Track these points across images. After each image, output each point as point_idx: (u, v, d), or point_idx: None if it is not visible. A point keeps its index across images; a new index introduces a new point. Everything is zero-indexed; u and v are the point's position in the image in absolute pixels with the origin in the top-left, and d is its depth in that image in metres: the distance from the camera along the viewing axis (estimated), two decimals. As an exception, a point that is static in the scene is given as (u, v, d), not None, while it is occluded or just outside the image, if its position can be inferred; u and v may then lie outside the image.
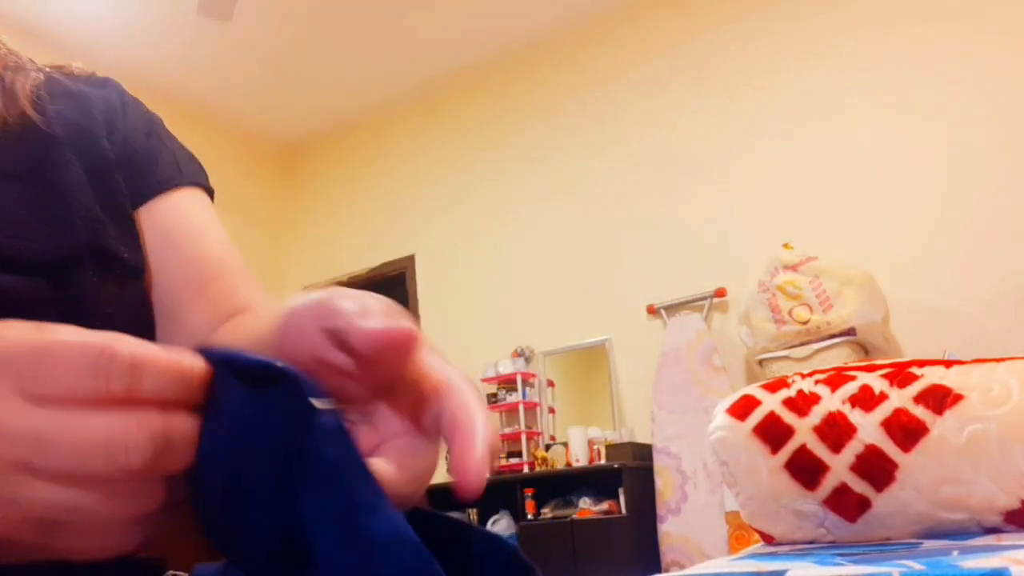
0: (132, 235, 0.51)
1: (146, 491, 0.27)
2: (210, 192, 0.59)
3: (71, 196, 0.48)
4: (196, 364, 0.27)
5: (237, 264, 0.56)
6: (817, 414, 0.90)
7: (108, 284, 0.47)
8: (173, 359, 0.26)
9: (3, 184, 0.46)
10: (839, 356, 2.42)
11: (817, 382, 0.94)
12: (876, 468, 0.84)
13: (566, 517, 2.89)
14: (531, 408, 3.43)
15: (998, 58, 2.73)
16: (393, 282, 3.97)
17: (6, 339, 0.25)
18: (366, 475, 0.27)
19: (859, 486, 0.85)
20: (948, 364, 0.89)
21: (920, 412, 0.84)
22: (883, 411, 0.86)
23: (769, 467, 0.91)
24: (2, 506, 0.25)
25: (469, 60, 3.92)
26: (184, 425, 0.26)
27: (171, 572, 0.50)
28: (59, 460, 0.25)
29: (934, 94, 2.82)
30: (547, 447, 3.32)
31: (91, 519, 0.26)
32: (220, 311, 0.52)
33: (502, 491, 3.06)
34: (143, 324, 0.51)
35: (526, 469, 3.22)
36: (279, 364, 0.27)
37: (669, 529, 2.72)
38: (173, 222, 0.54)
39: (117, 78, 0.60)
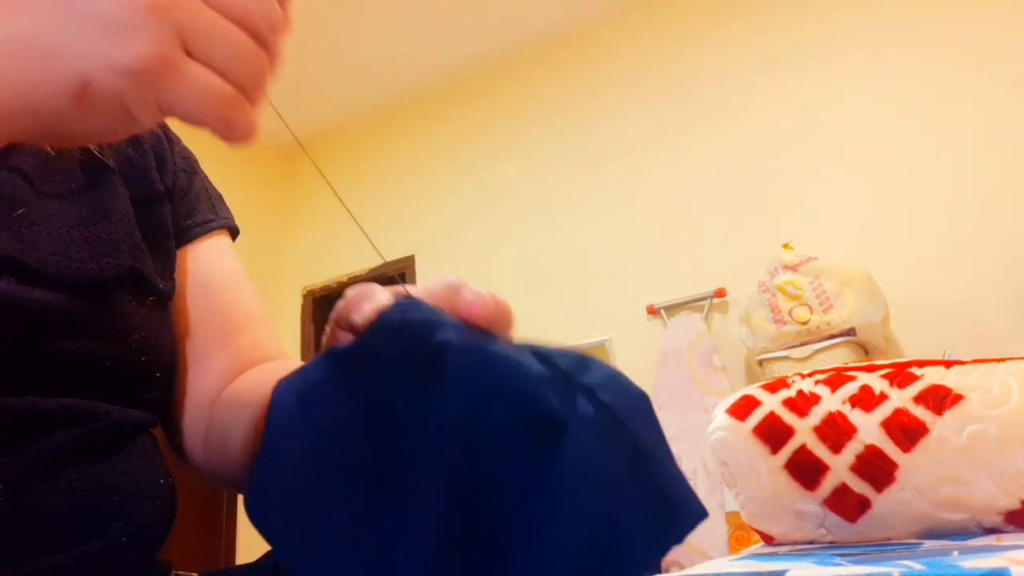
0: (168, 266, 0.54)
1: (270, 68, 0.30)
2: (235, 232, 0.63)
3: (117, 221, 0.50)
4: None
5: (263, 316, 0.60)
6: (817, 414, 0.90)
7: (143, 309, 0.49)
8: None
9: (55, 203, 0.47)
10: (839, 356, 2.42)
11: (817, 382, 0.94)
12: (876, 468, 0.84)
13: (566, 517, 2.89)
14: (531, 408, 3.42)
15: (1001, 57, 2.73)
16: (393, 282, 3.95)
17: None
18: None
19: (859, 486, 0.85)
20: (948, 364, 0.89)
21: (920, 412, 0.84)
22: (883, 411, 0.86)
23: (769, 467, 0.91)
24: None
25: (470, 61, 3.92)
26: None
27: (176, 573, 0.50)
28: None
29: (935, 94, 2.83)
30: (547, 447, 3.31)
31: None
32: (244, 360, 0.55)
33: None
34: (172, 350, 0.53)
35: (526, 469, 3.21)
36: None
37: (669, 529, 2.72)
38: (209, 267, 0.58)
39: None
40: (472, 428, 0.29)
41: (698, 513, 0.31)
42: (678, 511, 0.30)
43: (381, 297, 0.34)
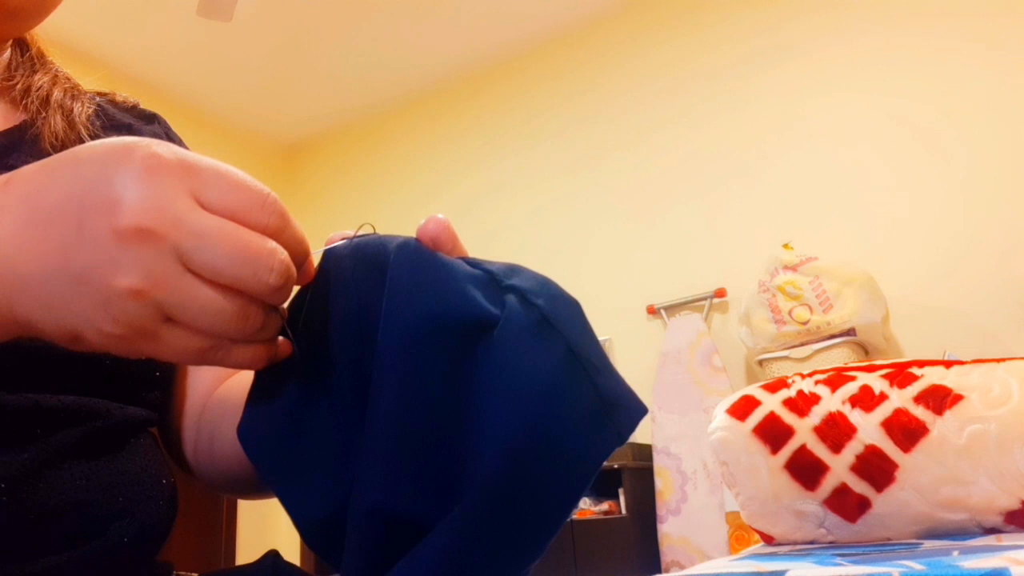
0: None
1: (267, 324, 0.33)
2: None
3: None
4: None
5: None
6: (817, 414, 0.90)
7: None
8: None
9: None
10: (839, 356, 2.42)
11: (817, 382, 0.94)
12: (876, 468, 0.84)
13: (566, 517, 2.88)
14: (531, 408, 3.41)
15: (1001, 58, 2.73)
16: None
17: (189, 154, 0.31)
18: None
19: (859, 486, 0.85)
20: (948, 364, 0.89)
21: (920, 412, 0.84)
22: (883, 411, 0.86)
23: (769, 467, 0.91)
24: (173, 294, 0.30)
25: (468, 61, 3.92)
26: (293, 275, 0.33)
27: (177, 573, 0.50)
28: (213, 256, 0.30)
29: (935, 94, 2.83)
30: (547, 447, 3.30)
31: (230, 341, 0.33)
32: (222, 371, 0.56)
33: (502, 491, 3.05)
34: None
35: (526, 469, 3.21)
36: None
37: (669, 530, 2.72)
38: None
39: (117, 79, 0.61)
40: (405, 328, 0.30)
41: (638, 409, 0.31)
42: (617, 409, 0.30)
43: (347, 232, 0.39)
